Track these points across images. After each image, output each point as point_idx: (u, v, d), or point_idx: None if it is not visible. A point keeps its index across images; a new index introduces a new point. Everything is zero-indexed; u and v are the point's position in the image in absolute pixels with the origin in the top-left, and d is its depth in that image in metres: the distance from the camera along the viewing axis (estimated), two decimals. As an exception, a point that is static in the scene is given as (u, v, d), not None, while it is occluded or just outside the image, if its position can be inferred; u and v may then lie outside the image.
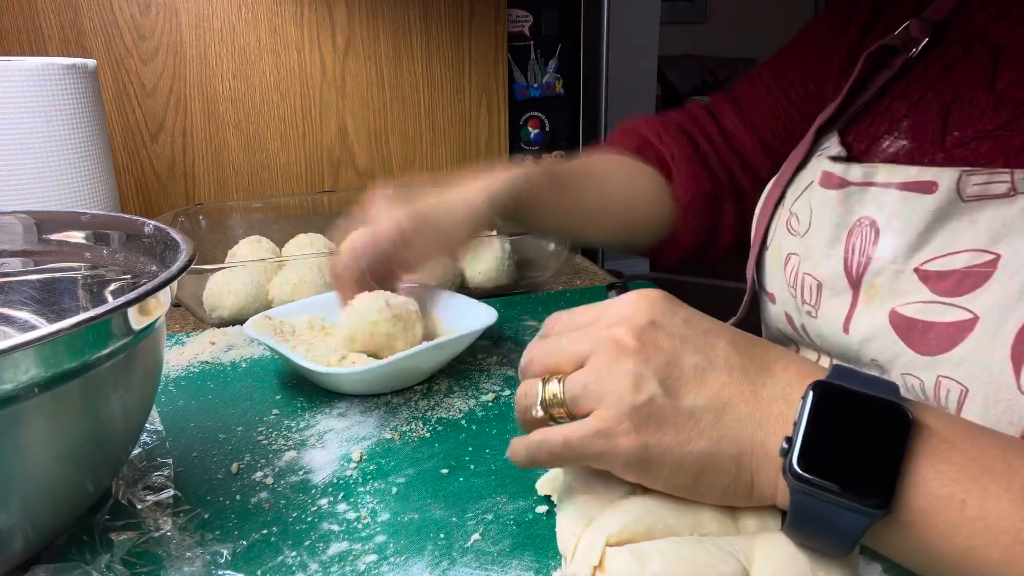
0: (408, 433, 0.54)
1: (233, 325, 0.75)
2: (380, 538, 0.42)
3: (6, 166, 0.73)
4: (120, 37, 1.03)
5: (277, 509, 0.45)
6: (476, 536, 0.42)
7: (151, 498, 0.45)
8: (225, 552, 0.41)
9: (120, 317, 0.36)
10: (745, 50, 4.40)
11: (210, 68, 1.09)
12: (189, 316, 0.78)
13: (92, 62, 0.80)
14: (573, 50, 1.42)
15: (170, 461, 0.49)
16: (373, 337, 0.58)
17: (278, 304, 0.74)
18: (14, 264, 0.52)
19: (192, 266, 0.43)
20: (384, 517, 0.44)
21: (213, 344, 0.70)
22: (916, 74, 0.54)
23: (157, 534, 0.42)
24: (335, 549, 0.41)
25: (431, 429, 0.54)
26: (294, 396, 0.60)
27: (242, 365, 0.66)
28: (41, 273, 0.52)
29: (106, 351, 0.36)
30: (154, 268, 0.49)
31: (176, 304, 0.77)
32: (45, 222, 0.53)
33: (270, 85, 1.13)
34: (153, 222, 0.50)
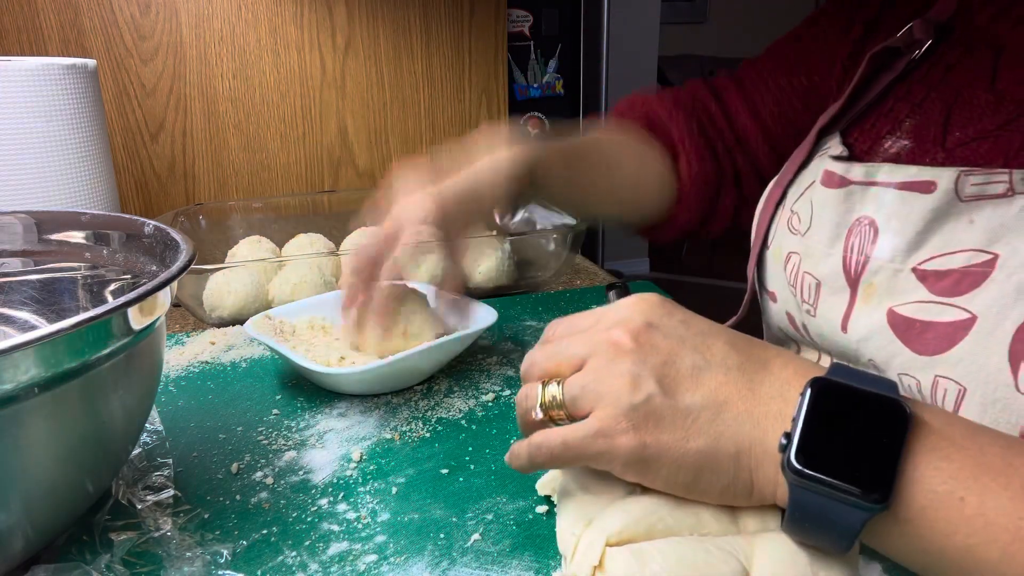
0: (408, 433, 0.54)
1: (233, 325, 0.75)
2: (380, 538, 0.42)
3: (6, 166, 0.73)
4: (120, 37, 1.03)
5: (277, 509, 0.45)
6: (476, 536, 0.42)
7: (151, 498, 0.45)
8: (225, 552, 0.41)
9: (120, 317, 0.36)
10: (745, 50, 4.39)
11: (210, 68, 1.09)
12: (189, 316, 0.78)
13: (92, 62, 0.80)
14: (573, 50, 1.42)
15: (170, 461, 0.49)
16: (382, 346, 0.59)
17: (278, 304, 0.74)
18: (14, 264, 0.52)
19: (192, 266, 0.43)
20: (384, 517, 0.44)
21: (213, 344, 0.70)
22: (919, 75, 0.54)
23: (157, 534, 0.42)
24: (335, 549, 0.41)
25: (431, 429, 0.54)
26: (294, 396, 0.60)
27: (242, 365, 0.66)
28: (41, 273, 0.52)
29: (106, 351, 0.36)
30: (154, 268, 0.49)
31: (176, 304, 0.77)
32: (45, 222, 0.53)
33: (270, 85, 1.13)
34: (153, 222, 0.50)
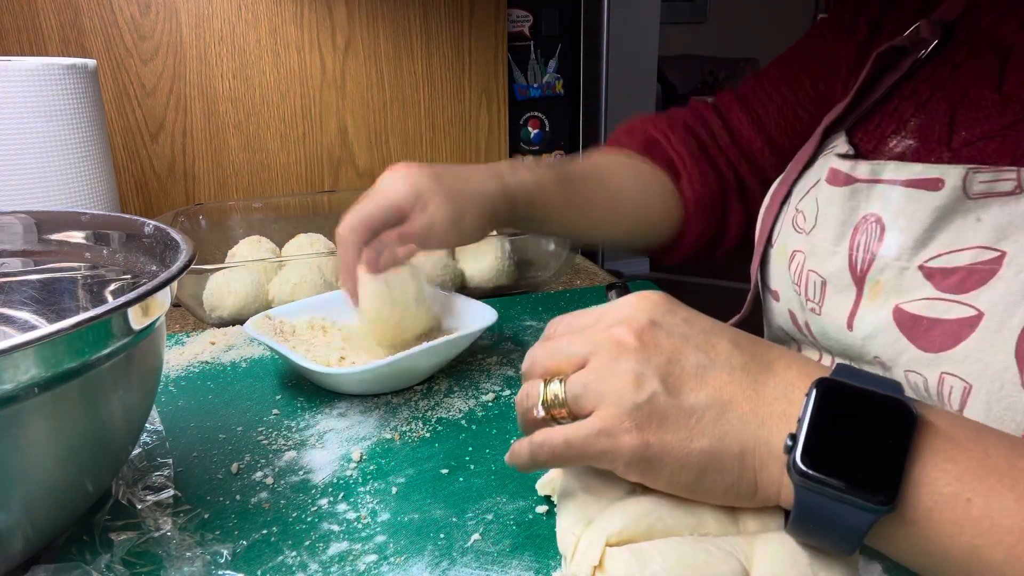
0: (408, 433, 0.54)
1: (233, 325, 0.75)
2: (380, 538, 0.42)
3: (6, 166, 0.73)
4: (120, 37, 1.03)
5: (277, 509, 0.45)
6: (476, 536, 0.42)
7: (151, 498, 0.45)
8: (225, 552, 0.41)
9: (120, 317, 0.36)
10: (745, 50, 4.40)
11: (210, 68, 1.09)
12: (189, 316, 0.78)
13: (92, 62, 0.80)
14: (573, 50, 1.42)
15: (170, 461, 0.49)
16: (395, 331, 0.59)
17: (278, 304, 0.74)
18: (14, 264, 0.52)
19: (192, 266, 0.43)
20: (384, 517, 0.44)
21: (213, 344, 0.70)
22: (924, 75, 0.54)
23: (157, 534, 0.42)
24: (335, 549, 0.41)
25: (431, 429, 0.54)
26: (294, 396, 0.60)
27: (242, 365, 0.66)
28: (41, 273, 0.52)
29: (106, 351, 0.36)
30: (154, 268, 0.49)
31: (176, 304, 0.77)
32: (45, 222, 0.53)
33: (270, 85, 1.13)
34: (153, 222, 0.50)
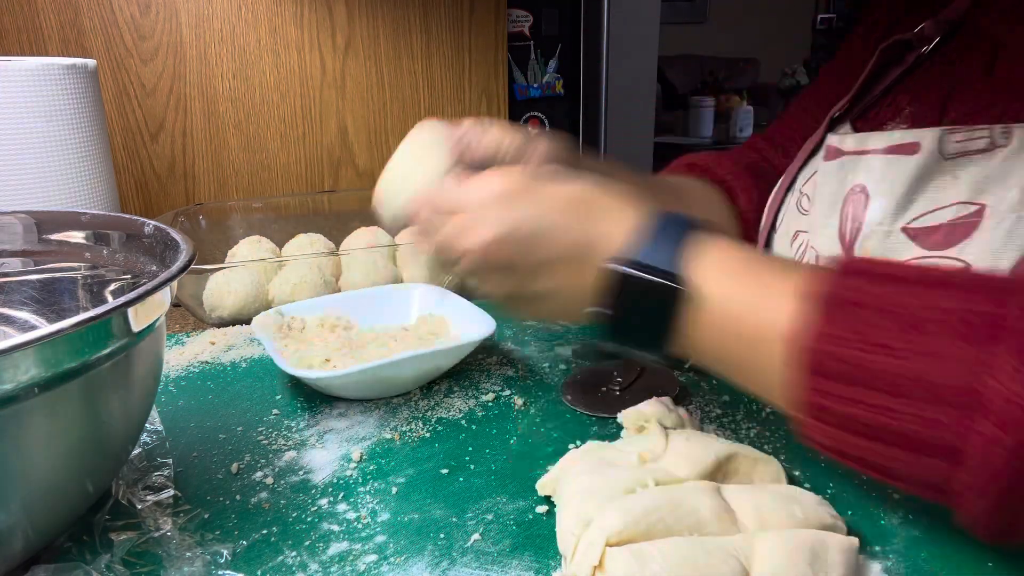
0: (408, 433, 0.54)
1: (233, 325, 0.75)
2: (380, 538, 0.42)
3: (6, 166, 0.73)
4: (120, 37, 1.03)
5: (277, 509, 0.45)
6: (476, 536, 0.42)
7: (151, 498, 0.45)
8: (225, 552, 0.41)
9: (120, 317, 0.36)
10: (745, 50, 4.39)
11: (210, 68, 1.09)
12: (189, 316, 0.78)
13: (92, 62, 0.80)
14: (573, 50, 1.42)
15: (170, 461, 0.49)
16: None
17: (278, 304, 0.74)
18: (14, 264, 0.52)
19: (192, 266, 0.43)
20: (384, 517, 0.44)
21: (213, 344, 0.70)
22: (923, 69, 0.57)
23: (157, 534, 0.42)
24: (335, 549, 0.41)
25: (431, 429, 0.54)
26: (294, 396, 0.60)
27: (242, 365, 0.66)
28: (41, 273, 0.52)
29: (106, 351, 0.36)
30: (154, 268, 0.49)
31: (176, 304, 0.77)
32: (45, 222, 0.53)
33: (270, 85, 1.13)
34: (153, 222, 0.50)
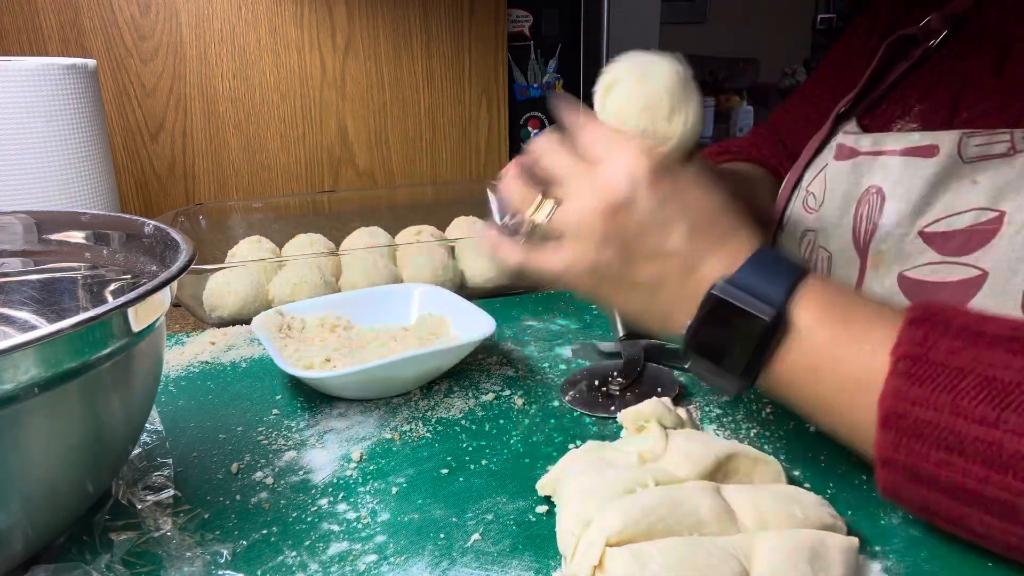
0: (408, 433, 0.54)
1: (233, 325, 0.75)
2: (380, 538, 0.42)
3: (6, 166, 0.73)
4: (120, 37, 1.03)
5: (277, 509, 0.45)
6: (476, 536, 0.42)
7: (151, 498, 0.45)
8: (225, 552, 0.41)
9: (120, 317, 0.36)
10: (745, 50, 4.39)
11: (210, 68, 1.09)
12: (189, 316, 0.78)
13: (92, 62, 0.80)
14: (573, 50, 1.42)
15: (170, 461, 0.49)
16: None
17: (278, 304, 0.74)
18: (14, 264, 0.52)
19: (192, 266, 0.43)
20: (384, 517, 0.44)
21: (213, 344, 0.70)
22: (931, 65, 0.56)
23: (157, 534, 0.42)
24: (335, 549, 0.41)
25: (431, 429, 0.54)
26: (294, 396, 0.60)
27: (242, 365, 0.66)
28: (41, 273, 0.52)
29: (106, 351, 0.36)
30: (154, 268, 0.49)
31: (176, 304, 0.77)
32: (45, 222, 0.53)
33: (270, 85, 1.13)
34: (153, 222, 0.50)
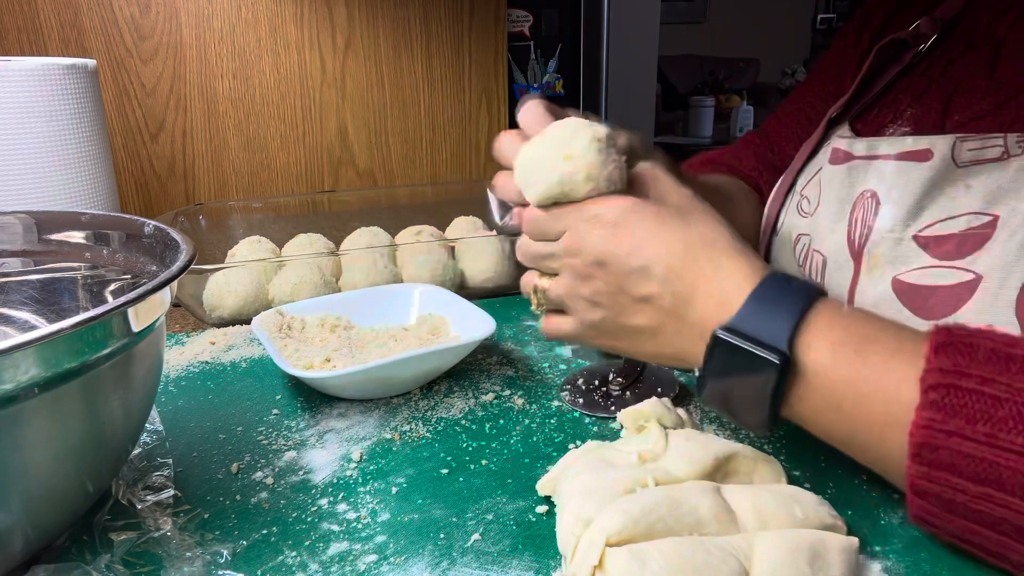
0: (408, 433, 0.54)
1: (233, 325, 0.75)
2: (380, 538, 0.42)
3: (6, 166, 0.73)
4: (120, 37, 1.03)
5: (277, 509, 0.45)
6: (476, 536, 0.42)
7: (151, 498, 0.45)
8: (225, 552, 0.41)
9: (120, 317, 0.36)
10: (745, 50, 4.40)
11: (210, 68, 1.09)
12: (189, 316, 0.78)
13: (92, 62, 0.80)
14: (573, 50, 1.42)
15: (170, 461, 0.49)
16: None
17: (278, 304, 0.74)
18: (14, 264, 0.52)
19: (192, 266, 0.43)
20: (384, 517, 0.44)
21: (213, 344, 0.70)
22: (922, 69, 0.56)
23: (157, 534, 0.42)
24: (335, 549, 0.41)
25: (431, 429, 0.54)
26: (294, 396, 0.60)
27: (242, 365, 0.66)
28: (41, 273, 0.52)
29: (106, 351, 0.36)
30: (154, 268, 0.49)
31: (176, 304, 0.77)
32: (45, 222, 0.53)
33: (270, 85, 1.13)
34: (153, 222, 0.50)
